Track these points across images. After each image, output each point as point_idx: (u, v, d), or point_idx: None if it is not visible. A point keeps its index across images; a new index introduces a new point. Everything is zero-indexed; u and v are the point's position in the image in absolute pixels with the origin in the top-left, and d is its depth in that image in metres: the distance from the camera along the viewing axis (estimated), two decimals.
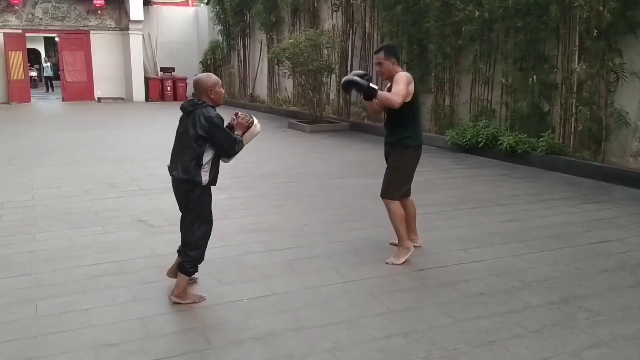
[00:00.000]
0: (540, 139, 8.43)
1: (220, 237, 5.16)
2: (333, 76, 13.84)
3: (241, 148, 3.79)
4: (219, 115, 3.71)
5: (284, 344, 3.28)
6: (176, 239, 5.11)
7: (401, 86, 4.38)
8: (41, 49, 35.29)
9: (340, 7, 13.67)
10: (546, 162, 8.28)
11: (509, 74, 9.24)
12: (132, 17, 20.20)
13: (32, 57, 33.91)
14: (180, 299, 3.77)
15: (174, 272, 3.98)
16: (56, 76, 27.98)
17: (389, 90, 4.52)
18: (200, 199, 3.76)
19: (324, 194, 6.89)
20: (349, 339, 3.35)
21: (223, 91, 3.84)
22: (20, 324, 3.53)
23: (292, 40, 12.76)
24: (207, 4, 21.69)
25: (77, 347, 3.24)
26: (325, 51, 13.11)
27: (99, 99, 20.93)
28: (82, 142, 11.05)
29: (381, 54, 4.54)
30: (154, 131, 12.61)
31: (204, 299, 3.83)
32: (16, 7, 19.30)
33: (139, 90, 20.76)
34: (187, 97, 21.17)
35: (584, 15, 7.77)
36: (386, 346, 3.26)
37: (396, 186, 4.64)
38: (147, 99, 20.86)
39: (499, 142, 8.94)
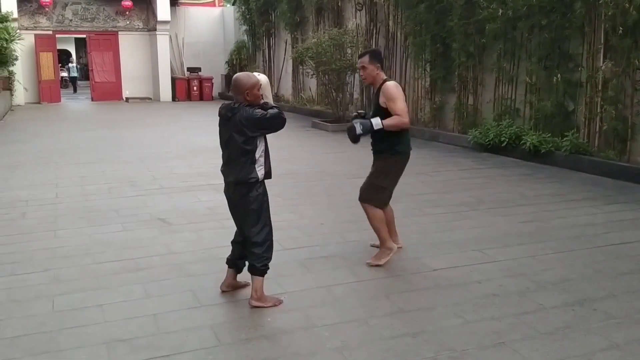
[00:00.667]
0: (565, 139, 8.31)
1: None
2: (357, 75, 13.85)
3: (283, 115, 3.73)
4: (255, 108, 3.62)
5: (293, 342, 3.30)
6: (193, 238, 5.22)
7: (400, 103, 4.35)
8: (72, 50, 35.95)
9: (363, 7, 13.65)
10: (570, 162, 8.15)
11: (533, 73, 9.12)
12: (160, 17, 20.46)
13: (64, 57, 34.65)
14: (261, 302, 3.71)
15: (228, 284, 3.99)
16: (84, 77, 28.46)
17: (377, 97, 4.48)
18: (258, 197, 3.72)
19: (341, 193, 6.89)
20: (358, 338, 3.35)
21: (261, 94, 3.72)
22: (37, 319, 3.62)
23: (316, 40, 12.78)
24: (233, 4, 21.86)
25: (90, 342, 3.30)
26: (348, 50, 13.12)
27: (127, 99, 21.24)
28: (108, 141, 11.24)
29: (365, 58, 4.46)
30: (178, 130, 12.76)
31: (282, 302, 3.77)
32: (47, 9, 19.70)
33: (165, 90, 21.02)
34: (212, 97, 21.46)
35: (610, 13, 7.64)
36: (394, 346, 3.25)
37: (377, 191, 4.55)
38: (174, 98, 21.11)
39: (522, 142, 8.84)
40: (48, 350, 3.22)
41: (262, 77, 3.75)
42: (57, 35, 21.08)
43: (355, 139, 4.46)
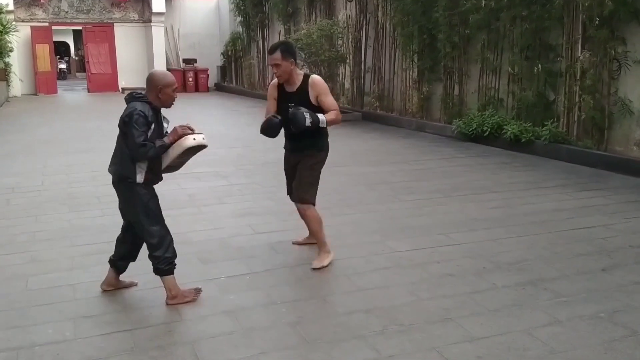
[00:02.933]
0: (544, 128, 8.44)
1: (211, 221, 5.40)
2: (347, 66, 13.99)
3: (152, 155, 3.43)
4: (142, 112, 3.39)
5: (250, 318, 3.47)
6: (169, 222, 5.30)
7: (330, 98, 4.20)
8: (70, 42, 36.06)
9: None
10: (549, 151, 8.29)
11: (515, 63, 9.24)
12: (155, 9, 20.57)
13: (62, 49, 34.80)
14: (177, 299, 3.60)
15: (109, 283, 3.83)
16: (82, 68, 28.53)
17: (300, 93, 4.17)
18: (140, 197, 3.53)
19: (322, 181, 6.99)
20: (313, 314, 3.52)
21: (175, 96, 3.57)
22: (11, 297, 3.79)
23: (305, 31, 12.90)
24: None
25: (58, 318, 3.47)
26: (339, 42, 13.24)
27: (123, 90, 21.36)
28: (99, 131, 11.38)
29: (277, 54, 4.07)
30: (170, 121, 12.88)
31: (201, 291, 3.72)
32: (43, 1, 19.81)
33: None
34: (208, 88, 21.59)
35: (587, 4, 7.75)
36: (346, 321, 3.42)
37: (312, 190, 4.35)
38: None
39: (504, 131, 8.97)
40: (18, 325, 3.39)
41: (187, 138, 3.51)
42: (54, 27, 21.19)
43: (299, 128, 4.03)
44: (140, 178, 3.51)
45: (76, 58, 36.05)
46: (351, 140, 10.18)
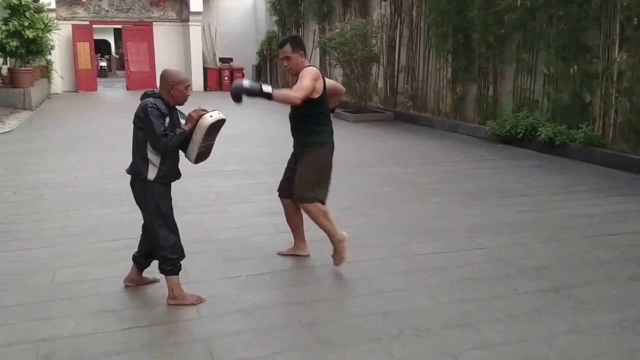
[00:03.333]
0: (579, 131, 8.25)
1: (236, 219, 5.45)
2: (381, 66, 13.93)
3: (174, 143, 3.49)
4: (155, 105, 3.46)
5: (267, 317, 3.49)
6: (196, 219, 5.45)
7: (305, 81, 3.91)
8: (111, 40, 36.81)
9: None
10: (584, 154, 8.11)
11: (551, 64, 9.06)
12: (192, 8, 20.82)
13: (103, 47, 35.58)
14: (178, 300, 3.62)
15: (130, 279, 3.90)
16: (121, 66, 29.12)
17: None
18: (151, 195, 3.57)
19: (348, 181, 7.03)
20: (329, 315, 3.53)
21: (188, 93, 3.59)
22: (37, 290, 3.90)
23: (338, 30, 12.89)
24: None
25: (80, 312, 3.56)
26: (373, 41, 13.19)
27: None
28: None
29: (287, 47, 4.03)
30: None
31: (204, 301, 3.67)
32: (84, 0, 20.25)
33: (197, 79, 21.38)
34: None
35: (625, 4, 7.55)
36: (362, 323, 3.41)
37: (312, 187, 4.11)
38: (206, 88, 21.49)
39: (538, 134, 8.81)
40: (41, 318, 3.48)
41: (205, 117, 3.53)
42: (94, 26, 21.66)
43: (236, 93, 3.80)
44: (151, 175, 3.55)
45: (117, 56, 36.76)
46: (381, 140, 10.14)
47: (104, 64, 33.34)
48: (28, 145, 9.70)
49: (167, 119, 3.52)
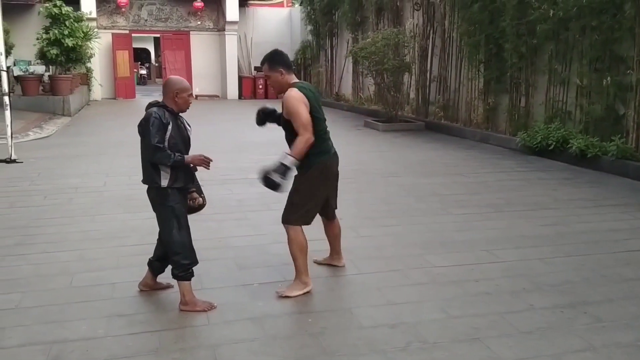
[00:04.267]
0: (612, 143, 8.05)
1: (255, 227, 5.49)
2: (413, 75, 13.87)
3: (168, 164, 3.51)
4: (158, 115, 3.50)
5: (275, 326, 3.50)
6: (215, 227, 5.50)
7: (301, 117, 3.75)
8: (151, 49, 37.57)
9: (421, 7, 13.63)
10: (616, 167, 7.90)
11: (583, 75, 8.88)
12: (229, 18, 21.12)
13: (143, 56, 36.37)
14: (189, 306, 3.64)
15: (145, 284, 3.96)
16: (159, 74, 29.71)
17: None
18: (165, 203, 3.60)
19: (371, 191, 7.01)
20: (337, 325, 3.51)
21: (191, 100, 3.68)
22: (55, 292, 3.99)
23: (369, 40, 12.90)
24: (300, 4, 22.24)
25: (93, 315, 3.62)
26: (405, 50, 13.15)
27: (196, 96, 22.04)
28: None
29: (265, 67, 3.96)
30: (234, 127, 13.18)
31: (215, 307, 3.68)
32: (124, 9, 20.76)
33: (232, 88, 21.68)
34: (277, 96, 21.92)
35: None
36: (369, 335, 3.38)
37: (297, 210, 3.98)
38: (240, 96, 21.73)
39: (569, 146, 8.63)
40: (56, 320, 3.56)
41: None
42: (134, 35, 22.16)
43: (276, 188, 3.82)
44: (164, 182, 3.59)
45: (156, 64, 37.50)
46: (409, 150, 10.08)
47: (144, 72, 34.12)
48: (62, 150, 9.96)
49: (170, 127, 3.58)
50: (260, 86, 21.65)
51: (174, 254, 3.65)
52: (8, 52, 15.23)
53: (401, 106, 14.18)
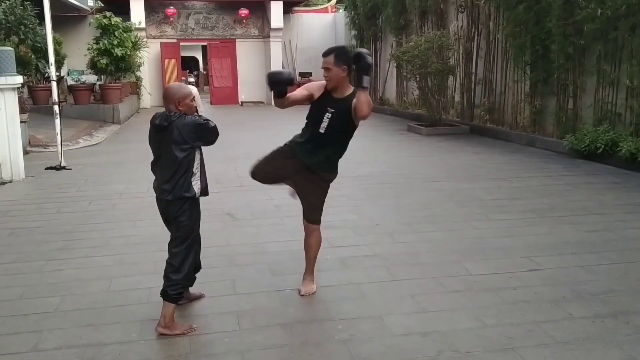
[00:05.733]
0: None
1: (291, 232, 5.48)
2: (457, 78, 13.68)
3: (215, 129, 3.55)
4: (192, 117, 3.49)
5: (305, 332, 3.49)
6: (252, 232, 5.55)
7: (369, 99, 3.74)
8: (199, 57, 38.27)
9: (465, 9, 13.43)
10: None
11: (634, 76, 8.56)
12: (273, 25, 21.29)
13: (192, 64, 37.09)
14: (168, 330, 3.45)
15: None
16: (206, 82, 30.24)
17: (343, 106, 3.85)
18: (191, 215, 3.54)
19: (410, 196, 6.92)
20: (368, 333, 3.47)
21: (195, 104, 3.55)
22: (93, 296, 4.08)
23: (412, 43, 12.78)
24: (345, 9, 22.26)
25: (129, 319, 3.69)
26: (449, 53, 12.98)
27: (242, 103, 22.34)
28: None
29: (330, 58, 3.82)
30: (277, 133, 13.21)
31: (195, 330, 3.50)
32: (172, 19, 21.22)
33: None
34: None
35: None
36: (400, 343, 3.33)
37: (321, 211, 4.13)
38: None
39: (619, 149, 8.33)
40: (92, 324, 3.64)
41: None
42: (182, 43, 22.62)
43: (368, 65, 3.67)
44: (197, 189, 3.53)
45: (204, 72, 38.17)
46: (452, 155, 9.92)
47: (192, 79, 34.74)
48: (110, 157, 10.24)
49: None
50: None
51: (173, 271, 3.51)
52: (61, 63, 15.84)
53: (445, 110, 14.00)
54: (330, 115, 3.89)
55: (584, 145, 8.97)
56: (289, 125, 5.28)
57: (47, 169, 8.88)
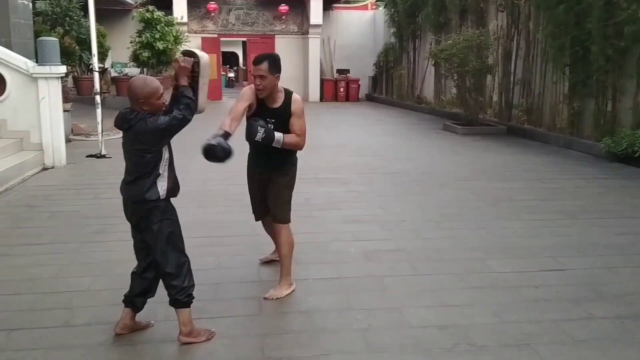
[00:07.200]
0: None
1: (317, 225, 5.58)
2: (496, 78, 13.55)
3: (196, 104, 3.28)
4: (157, 117, 3.11)
5: (324, 320, 3.57)
6: None
7: (304, 122, 3.89)
8: (240, 52, 38.70)
9: (506, 8, 13.29)
10: None
11: None
12: (312, 21, 21.40)
13: (232, 59, 37.54)
14: (192, 337, 3.27)
15: (123, 325, 3.38)
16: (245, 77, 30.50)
17: (279, 111, 3.88)
18: (162, 218, 3.24)
19: (440, 194, 6.92)
20: (386, 323, 3.53)
21: (163, 101, 3.17)
22: (123, 277, 4.16)
23: (450, 42, 12.72)
24: (384, 7, 22.23)
25: (154, 300, 3.71)
26: (487, 52, 12.87)
27: None
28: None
29: (264, 66, 3.79)
30: (311, 128, 13.26)
31: (215, 334, 3.37)
32: (213, 14, 21.54)
33: (314, 90, 21.95)
34: (358, 98, 22.02)
35: None
36: (417, 334, 3.39)
37: (289, 208, 4.07)
38: (321, 99, 21.98)
39: None
40: (120, 303, 3.75)
41: (203, 55, 3.39)
42: (224, 39, 22.93)
43: (248, 139, 3.83)
44: (162, 191, 3.23)
45: (244, 67, 38.59)
46: (487, 154, 9.85)
47: (232, 75, 35.19)
48: None
49: None
50: (342, 89, 21.79)
51: (173, 277, 3.23)
52: (105, 55, 16.26)
53: (483, 109, 13.89)
54: (272, 126, 3.86)
55: (621, 149, 8.81)
56: (323, 120, 5.34)
57: (87, 156, 9.17)
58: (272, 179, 4.04)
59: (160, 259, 3.24)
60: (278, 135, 3.80)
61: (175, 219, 3.34)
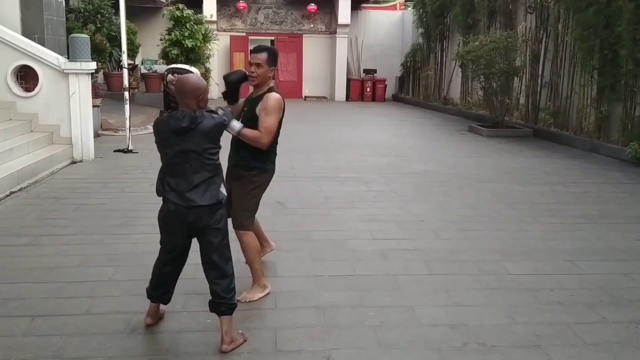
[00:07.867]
0: None
1: (336, 223, 5.64)
2: (523, 80, 13.44)
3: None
4: (212, 116, 3.15)
5: (336, 316, 3.64)
6: (298, 220, 5.72)
7: (271, 120, 3.75)
8: None
9: (535, 10, 13.17)
10: None
11: None
12: (340, 21, 21.44)
13: None
14: (234, 344, 3.23)
15: (154, 315, 3.49)
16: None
17: (255, 103, 3.83)
18: (224, 217, 3.25)
19: (460, 195, 6.92)
20: (397, 321, 3.58)
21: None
22: (144, 268, 4.28)
23: (477, 43, 12.65)
24: (413, 7, 22.16)
25: (175, 292, 3.85)
26: (515, 54, 12.77)
27: (305, 97, 22.64)
28: None
29: (263, 55, 3.81)
30: (337, 127, 13.38)
31: (247, 338, 3.35)
32: (242, 13, 21.74)
33: (340, 90, 22.00)
34: (384, 98, 21.99)
35: None
36: (428, 332, 3.43)
37: (250, 214, 3.95)
38: (347, 98, 22.01)
39: None
40: (141, 294, 3.85)
41: (195, 70, 3.47)
42: (252, 37, 23.11)
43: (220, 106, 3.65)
44: (225, 192, 3.26)
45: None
46: (511, 157, 9.79)
47: None
48: None
49: None
50: (368, 89, 21.79)
51: (230, 280, 3.25)
52: (135, 52, 16.54)
53: (509, 112, 13.78)
54: (245, 112, 3.90)
55: None
56: (350, 120, 5.40)
57: (115, 151, 9.37)
58: (238, 179, 3.91)
59: (220, 261, 3.22)
60: (236, 123, 3.72)
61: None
